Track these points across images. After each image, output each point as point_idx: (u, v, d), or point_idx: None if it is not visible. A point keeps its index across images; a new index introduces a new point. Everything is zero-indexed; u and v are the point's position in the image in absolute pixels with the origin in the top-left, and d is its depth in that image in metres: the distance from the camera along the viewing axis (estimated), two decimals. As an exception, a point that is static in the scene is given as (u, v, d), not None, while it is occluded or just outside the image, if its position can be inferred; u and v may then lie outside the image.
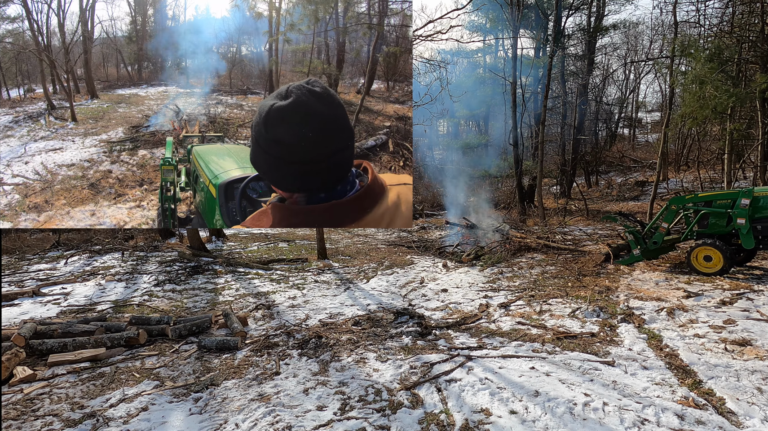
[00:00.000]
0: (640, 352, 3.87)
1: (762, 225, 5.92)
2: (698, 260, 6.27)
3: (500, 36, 24.28)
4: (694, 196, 6.70)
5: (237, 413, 3.13)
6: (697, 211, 6.42)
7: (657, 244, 6.75)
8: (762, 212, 5.95)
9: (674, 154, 18.84)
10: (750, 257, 6.69)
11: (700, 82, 10.24)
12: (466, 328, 4.75)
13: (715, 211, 6.26)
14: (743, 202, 5.95)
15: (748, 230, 5.92)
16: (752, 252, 6.58)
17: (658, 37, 22.38)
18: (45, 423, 3.07)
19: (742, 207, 5.96)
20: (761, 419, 2.78)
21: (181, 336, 4.74)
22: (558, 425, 2.80)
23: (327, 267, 8.55)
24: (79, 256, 9.93)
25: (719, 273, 6.08)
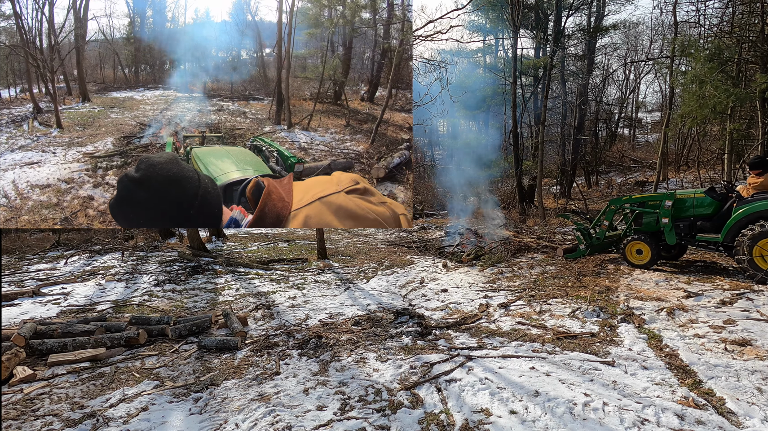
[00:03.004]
0: (640, 352, 3.87)
1: (683, 224, 6.63)
2: (632, 253, 6.99)
3: (500, 36, 24.29)
4: (629, 197, 7.45)
5: (237, 413, 3.13)
6: (634, 211, 7.17)
7: (600, 240, 7.55)
8: (683, 213, 6.67)
9: (674, 154, 18.83)
10: (682, 252, 7.34)
11: (700, 82, 10.24)
12: (466, 328, 4.75)
13: (645, 211, 6.99)
14: (667, 204, 6.70)
15: (671, 228, 6.65)
16: (683, 248, 7.24)
17: (658, 37, 22.38)
18: (45, 423, 3.07)
19: (666, 208, 6.70)
20: (761, 419, 2.78)
21: (181, 336, 4.75)
22: (558, 425, 2.80)
23: (327, 267, 8.55)
24: (79, 256, 9.93)
25: (647, 265, 6.81)
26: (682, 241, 6.72)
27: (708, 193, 6.54)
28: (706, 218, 6.51)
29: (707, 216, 6.50)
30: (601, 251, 7.76)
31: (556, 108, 21.05)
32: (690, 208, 6.63)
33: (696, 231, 6.58)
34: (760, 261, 5.65)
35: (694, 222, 6.60)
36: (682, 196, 6.74)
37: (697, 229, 6.56)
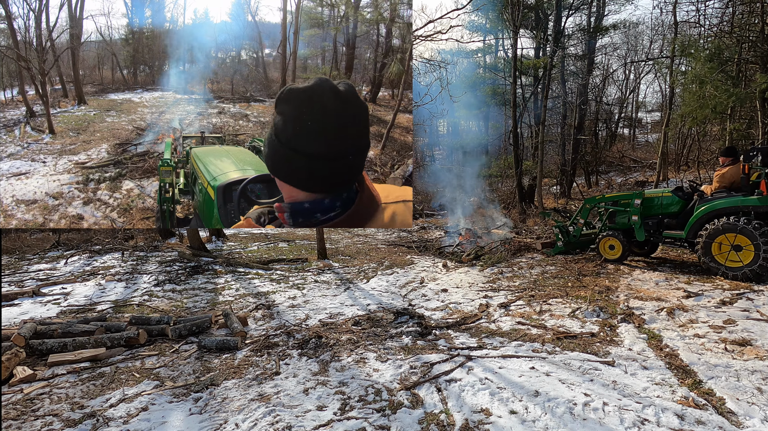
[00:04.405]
0: (640, 352, 3.87)
1: (651, 221, 7.01)
2: (605, 248, 7.35)
3: (500, 36, 24.29)
4: (602, 196, 7.84)
5: (237, 413, 3.13)
6: (607, 209, 7.56)
7: (576, 237, 8.03)
8: (652, 211, 7.04)
9: (674, 154, 18.82)
10: (654, 248, 7.69)
11: (700, 82, 10.25)
12: (466, 328, 4.75)
13: (618, 209, 7.37)
14: (636, 202, 7.06)
15: (640, 225, 7.00)
16: (654, 245, 7.56)
17: (658, 37, 22.38)
18: (45, 423, 3.07)
19: (635, 206, 7.05)
20: (761, 419, 2.78)
21: (181, 336, 4.74)
22: (558, 425, 2.80)
23: (327, 267, 8.55)
24: (79, 256, 9.93)
25: (619, 260, 7.18)
26: (651, 238, 7.06)
27: (674, 192, 6.89)
28: (672, 216, 6.85)
29: (674, 214, 6.84)
30: (579, 247, 8.20)
31: (556, 108, 21.04)
32: (658, 206, 6.98)
33: (663, 228, 6.90)
34: (718, 256, 5.98)
35: (661, 220, 6.93)
36: (651, 195, 7.11)
37: (665, 226, 6.89)
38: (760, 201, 5.79)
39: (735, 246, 5.84)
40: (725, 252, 5.92)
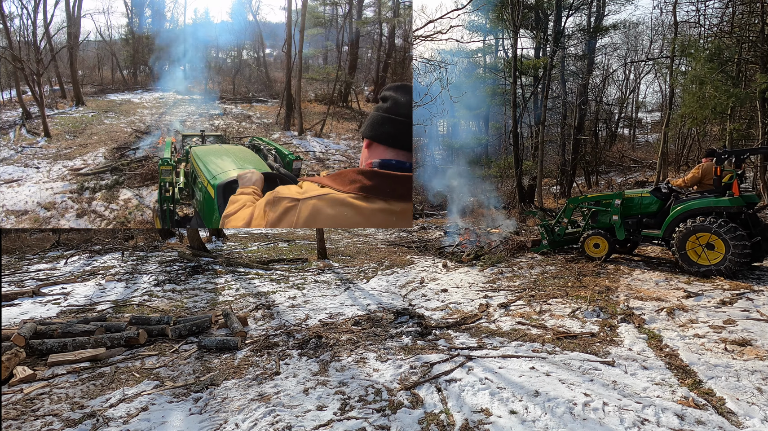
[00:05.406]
0: (640, 352, 3.87)
1: (631, 220, 7.27)
2: (590, 246, 7.57)
3: (500, 36, 24.29)
4: (585, 196, 8.10)
5: (237, 413, 3.13)
6: (590, 209, 7.80)
7: (560, 236, 8.24)
8: (631, 210, 7.30)
9: (674, 154, 18.83)
10: (635, 246, 7.89)
11: (700, 82, 10.25)
12: (466, 328, 4.75)
13: (599, 209, 7.62)
14: (616, 203, 7.31)
15: (620, 224, 7.25)
16: (635, 242, 7.71)
17: (658, 37, 22.37)
18: (45, 423, 3.07)
19: (615, 206, 7.31)
20: (761, 419, 2.78)
21: (181, 336, 4.74)
22: (558, 425, 2.80)
23: (327, 267, 8.54)
24: (79, 256, 9.93)
25: (605, 258, 7.35)
26: (631, 236, 7.30)
27: (653, 193, 7.13)
28: (651, 215, 7.09)
29: (652, 214, 7.08)
30: (563, 245, 8.42)
31: (556, 108, 21.05)
32: (637, 206, 7.24)
33: (642, 228, 7.15)
34: (692, 254, 6.21)
35: (641, 219, 7.18)
36: (630, 195, 7.37)
37: (644, 226, 7.14)
38: (731, 202, 6.06)
39: (707, 245, 6.08)
40: (698, 250, 6.15)
